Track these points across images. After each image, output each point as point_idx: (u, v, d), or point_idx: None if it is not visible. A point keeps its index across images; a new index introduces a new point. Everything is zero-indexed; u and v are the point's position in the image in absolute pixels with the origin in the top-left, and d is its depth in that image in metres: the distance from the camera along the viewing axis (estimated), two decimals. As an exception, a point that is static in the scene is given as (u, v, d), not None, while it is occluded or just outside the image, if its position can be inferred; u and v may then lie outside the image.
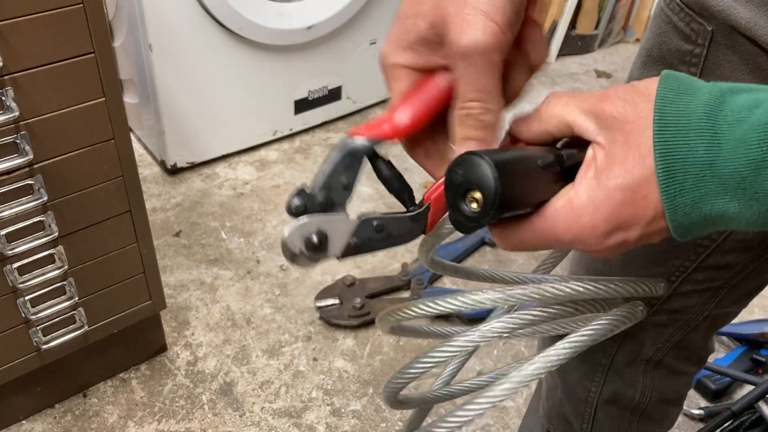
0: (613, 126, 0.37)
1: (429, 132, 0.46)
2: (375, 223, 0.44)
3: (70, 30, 0.97)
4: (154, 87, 1.78)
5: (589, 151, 0.39)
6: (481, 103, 0.42)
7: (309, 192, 0.42)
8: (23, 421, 1.32)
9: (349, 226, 0.43)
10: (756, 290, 0.67)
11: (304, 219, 0.42)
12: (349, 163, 0.43)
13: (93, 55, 1.01)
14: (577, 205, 0.39)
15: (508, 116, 0.47)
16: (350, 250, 0.43)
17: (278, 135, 2.09)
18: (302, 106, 2.07)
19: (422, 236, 0.46)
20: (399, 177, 0.46)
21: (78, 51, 0.99)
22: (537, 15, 0.46)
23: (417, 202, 0.46)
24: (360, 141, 0.43)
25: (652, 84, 0.37)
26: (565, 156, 0.41)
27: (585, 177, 0.39)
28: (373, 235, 0.44)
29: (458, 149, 0.43)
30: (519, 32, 0.43)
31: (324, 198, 0.42)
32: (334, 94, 2.13)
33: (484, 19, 0.39)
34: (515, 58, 0.45)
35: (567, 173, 0.41)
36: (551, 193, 0.41)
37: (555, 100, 0.41)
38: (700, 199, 0.34)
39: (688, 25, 0.51)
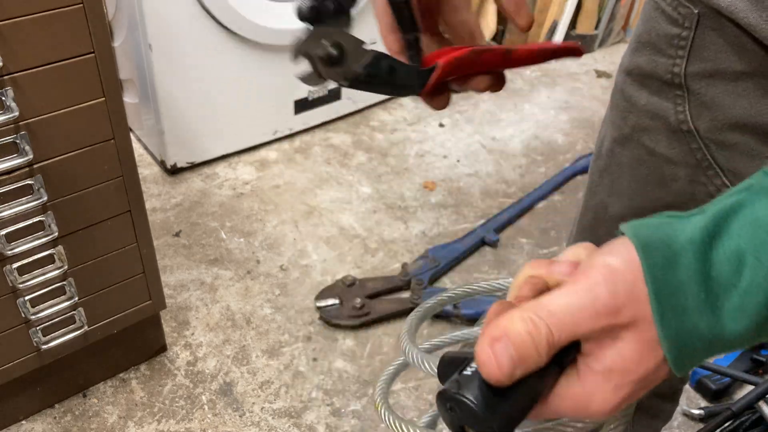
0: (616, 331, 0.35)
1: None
2: (388, 62, 0.40)
3: (70, 30, 0.97)
4: (154, 87, 1.78)
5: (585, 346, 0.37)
6: None
7: None
8: (23, 421, 1.32)
9: (363, 53, 0.39)
10: None
11: (319, 27, 0.36)
12: None
13: (93, 55, 1.01)
14: (587, 400, 0.37)
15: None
16: (357, 79, 0.39)
17: (278, 135, 2.09)
18: (302, 106, 2.07)
19: (415, 96, 0.43)
20: (411, 11, 0.41)
21: (78, 51, 0.99)
22: None
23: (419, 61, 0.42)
24: None
25: (633, 264, 0.34)
26: (564, 363, 0.37)
27: (591, 372, 0.37)
28: (380, 73, 0.40)
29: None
30: None
31: (333, 3, 0.37)
32: (334, 94, 2.13)
33: None
34: None
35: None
36: (550, 387, 0.37)
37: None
38: (705, 356, 0.35)
39: (676, 9, 0.53)
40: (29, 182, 1.03)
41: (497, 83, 0.49)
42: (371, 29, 1.88)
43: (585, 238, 0.73)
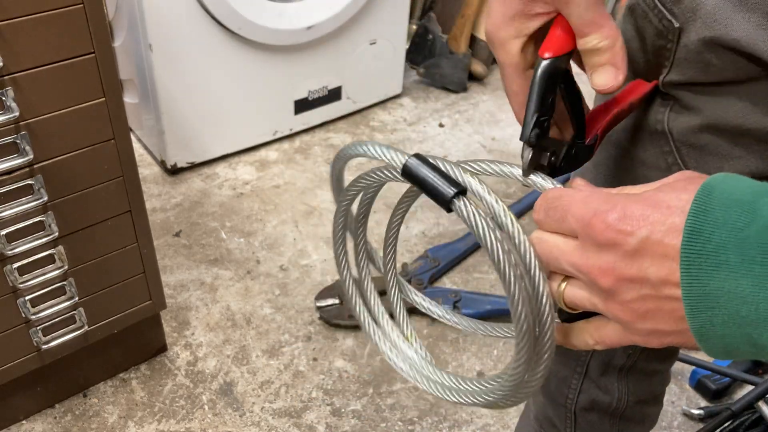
0: None
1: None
2: (573, 150, 0.51)
3: (70, 30, 0.97)
4: (154, 87, 1.78)
5: None
6: (594, 34, 0.45)
7: (537, 121, 0.47)
8: (23, 421, 1.32)
9: (562, 147, 0.50)
10: None
11: (542, 142, 0.47)
12: (552, 79, 0.47)
13: (93, 55, 1.01)
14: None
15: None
16: (560, 169, 0.50)
17: (278, 135, 2.09)
18: (302, 106, 2.07)
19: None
20: (580, 104, 0.50)
21: (78, 51, 0.99)
22: None
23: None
24: (554, 59, 0.47)
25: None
26: None
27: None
28: (569, 158, 0.51)
29: (594, 79, 0.48)
30: None
31: (545, 119, 0.47)
32: (334, 94, 2.13)
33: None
34: None
35: None
36: None
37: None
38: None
39: (660, 21, 0.53)
40: (29, 182, 1.03)
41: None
42: (371, 30, 1.85)
43: None
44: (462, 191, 0.42)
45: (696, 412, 1.37)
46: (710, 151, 0.54)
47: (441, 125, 2.24)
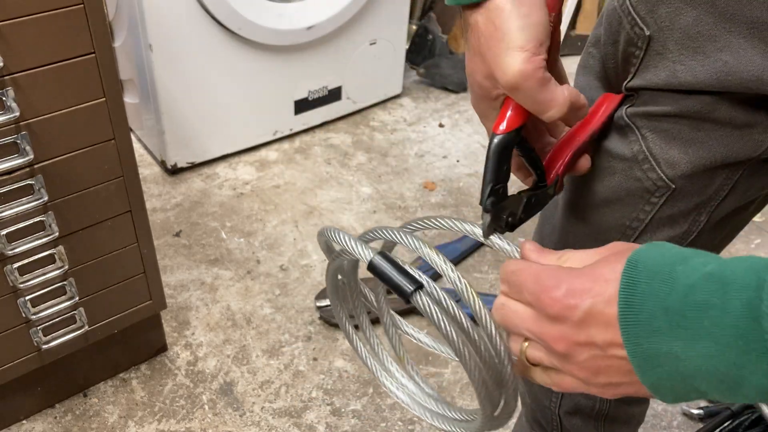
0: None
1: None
2: (533, 199, 0.57)
3: (70, 30, 0.97)
4: (155, 87, 1.78)
5: None
6: (549, 112, 0.50)
7: (493, 188, 0.53)
8: (24, 421, 1.32)
9: (520, 203, 0.56)
10: None
11: (498, 207, 0.54)
12: (504, 154, 0.53)
13: (93, 55, 1.01)
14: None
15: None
16: (520, 221, 0.57)
17: (278, 135, 2.09)
18: (302, 106, 2.08)
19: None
20: (536, 157, 0.56)
21: (78, 51, 0.99)
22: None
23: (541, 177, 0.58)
24: (505, 135, 0.53)
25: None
26: None
27: None
28: (530, 207, 0.57)
29: (560, 137, 0.58)
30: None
31: (500, 187, 0.54)
32: (334, 95, 2.13)
33: (517, 53, 0.47)
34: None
35: None
36: None
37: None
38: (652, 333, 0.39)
39: (633, 29, 0.54)
40: (30, 182, 1.03)
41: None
42: (371, 30, 1.86)
43: (539, 230, 0.77)
44: (419, 287, 0.49)
45: (696, 411, 1.37)
46: (674, 137, 0.55)
47: (441, 125, 2.24)
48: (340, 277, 0.62)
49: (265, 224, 1.80)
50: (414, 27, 2.44)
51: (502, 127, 0.52)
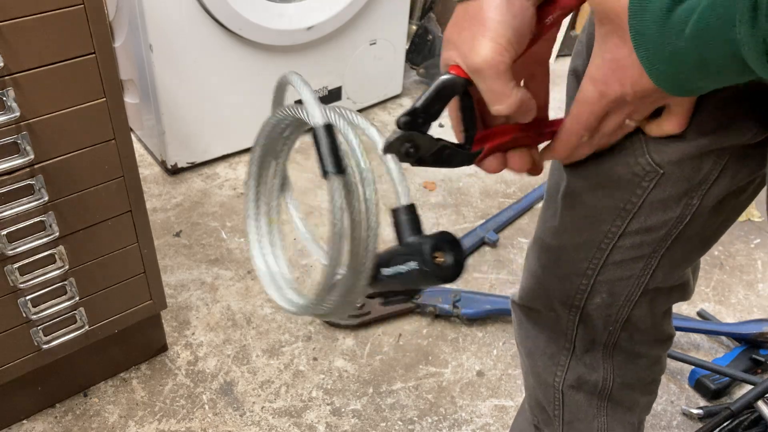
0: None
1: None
2: (447, 151, 0.57)
3: (70, 30, 0.97)
4: (155, 87, 1.78)
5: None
6: (496, 105, 0.54)
7: (415, 112, 0.54)
8: (24, 421, 1.32)
9: (432, 146, 0.56)
10: (684, 261, 0.70)
11: (405, 133, 0.55)
12: (446, 93, 0.55)
13: (93, 55, 1.01)
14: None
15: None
16: (422, 162, 0.57)
17: (278, 135, 2.09)
18: (302, 106, 2.07)
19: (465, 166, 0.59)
20: (473, 118, 0.57)
21: (79, 51, 1.00)
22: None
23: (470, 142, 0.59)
24: (456, 77, 0.54)
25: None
26: None
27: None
28: (440, 157, 0.57)
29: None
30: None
31: (422, 117, 0.54)
32: (334, 95, 2.14)
33: (485, 41, 0.51)
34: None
35: None
36: None
37: None
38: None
39: None
40: (30, 182, 1.03)
41: (534, 169, 0.62)
42: (371, 30, 1.86)
43: (543, 215, 0.76)
44: (341, 171, 0.52)
45: (695, 411, 1.37)
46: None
47: (441, 125, 2.24)
48: (278, 135, 0.64)
49: (266, 224, 1.80)
50: (414, 27, 2.45)
51: (453, 72, 0.54)
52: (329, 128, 0.53)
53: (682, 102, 0.54)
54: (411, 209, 0.54)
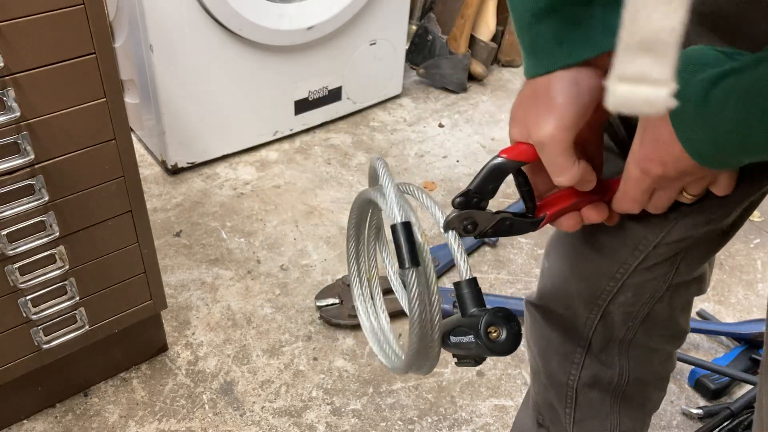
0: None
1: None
2: (508, 222, 0.61)
3: (71, 30, 0.97)
4: (155, 87, 1.78)
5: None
6: (558, 178, 0.57)
7: (469, 193, 0.59)
8: (24, 421, 1.33)
9: (491, 220, 0.60)
10: (706, 254, 0.72)
11: (463, 212, 0.59)
12: (497, 174, 0.59)
13: (94, 55, 1.01)
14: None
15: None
16: (485, 234, 0.61)
17: (278, 135, 2.09)
18: (302, 106, 2.08)
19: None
20: (531, 191, 0.61)
21: (79, 51, 1.00)
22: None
23: (532, 209, 0.62)
24: (506, 160, 0.58)
25: None
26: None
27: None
28: (502, 228, 0.61)
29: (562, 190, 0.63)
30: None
31: (477, 197, 0.59)
32: (334, 95, 2.14)
33: (551, 119, 0.54)
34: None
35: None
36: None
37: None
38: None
39: None
40: (30, 182, 1.04)
41: (609, 219, 0.65)
42: (371, 30, 1.86)
43: None
44: (417, 265, 0.55)
45: (695, 411, 1.37)
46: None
47: (441, 125, 2.24)
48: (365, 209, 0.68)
49: (266, 224, 1.80)
50: (414, 27, 2.45)
51: (507, 154, 0.58)
52: (407, 226, 0.56)
53: (730, 172, 0.55)
54: (473, 283, 0.57)
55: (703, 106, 0.44)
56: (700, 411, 1.37)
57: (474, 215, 0.59)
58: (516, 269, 1.71)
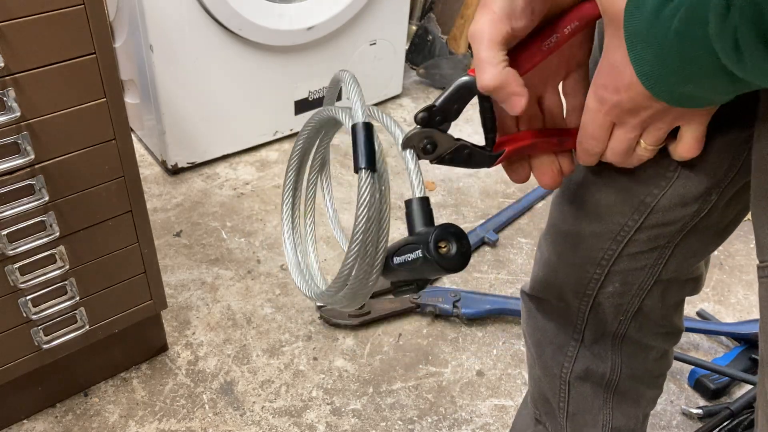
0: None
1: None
2: (467, 150, 0.59)
3: (71, 31, 0.97)
4: (155, 87, 1.78)
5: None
6: (479, 77, 0.54)
7: (433, 109, 0.56)
8: (24, 421, 1.33)
9: (451, 144, 0.58)
10: (698, 252, 0.71)
11: (425, 129, 0.56)
12: (463, 93, 0.56)
13: (94, 55, 1.01)
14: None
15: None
16: (442, 161, 0.59)
17: (278, 135, 2.10)
18: (302, 106, 2.08)
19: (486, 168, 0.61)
20: (493, 119, 0.59)
21: (79, 51, 1.00)
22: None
23: (493, 144, 0.60)
24: (474, 79, 0.55)
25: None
26: None
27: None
28: (460, 156, 0.59)
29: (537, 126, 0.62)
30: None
31: (440, 116, 0.57)
32: (334, 95, 2.13)
33: (482, 14, 0.53)
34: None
35: None
36: None
37: None
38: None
39: None
40: (30, 182, 1.04)
41: (556, 180, 0.63)
42: (371, 30, 1.86)
43: (564, 189, 0.77)
44: (372, 168, 0.53)
45: (695, 411, 1.37)
46: None
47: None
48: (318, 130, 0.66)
49: (266, 224, 1.80)
50: (414, 27, 2.45)
51: (472, 74, 0.56)
52: (369, 126, 0.55)
53: (693, 126, 0.54)
54: (424, 201, 0.54)
55: (654, 20, 0.44)
56: (699, 411, 1.37)
57: (435, 135, 0.57)
58: (516, 269, 1.71)
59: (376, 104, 2.29)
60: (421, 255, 0.51)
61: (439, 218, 1.83)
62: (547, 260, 0.78)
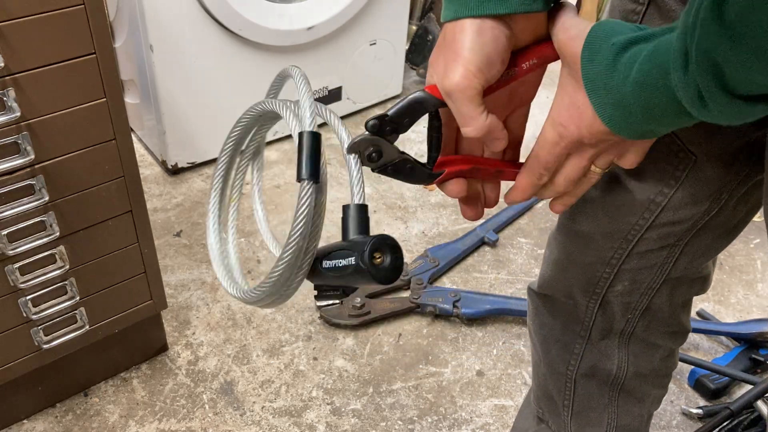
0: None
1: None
2: (409, 165, 0.59)
3: (71, 31, 0.97)
4: (155, 87, 1.78)
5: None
6: (464, 128, 0.55)
7: (384, 118, 0.56)
8: (24, 421, 1.33)
9: (396, 156, 0.58)
10: (708, 251, 0.71)
11: (374, 137, 0.56)
12: (416, 108, 0.57)
13: (94, 55, 1.01)
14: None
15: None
16: (384, 171, 0.58)
17: (279, 135, 2.10)
18: (302, 106, 2.08)
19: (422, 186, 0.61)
20: (439, 139, 0.59)
21: (79, 51, 1.00)
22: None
23: (433, 164, 0.60)
24: (428, 96, 0.56)
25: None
26: None
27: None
28: (402, 169, 0.59)
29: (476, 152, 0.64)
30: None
31: (390, 126, 0.57)
32: (334, 95, 2.14)
33: (456, 67, 0.52)
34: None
35: None
36: None
37: None
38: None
39: None
40: (31, 182, 1.04)
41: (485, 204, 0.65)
42: (371, 30, 1.84)
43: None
44: (316, 180, 0.54)
45: (695, 411, 1.37)
46: (667, 9, 0.59)
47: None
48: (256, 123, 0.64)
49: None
50: (414, 27, 2.45)
51: (432, 91, 0.56)
52: (316, 136, 0.54)
53: (639, 146, 0.55)
54: (362, 209, 0.55)
55: (612, 69, 0.46)
56: (699, 411, 1.37)
57: (381, 145, 0.57)
58: (516, 269, 1.71)
59: (375, 104, 2.29)
60: (354, 262, 0.51)
61: (440, 218, 1.83)
62: (557, 259, 0.78)
